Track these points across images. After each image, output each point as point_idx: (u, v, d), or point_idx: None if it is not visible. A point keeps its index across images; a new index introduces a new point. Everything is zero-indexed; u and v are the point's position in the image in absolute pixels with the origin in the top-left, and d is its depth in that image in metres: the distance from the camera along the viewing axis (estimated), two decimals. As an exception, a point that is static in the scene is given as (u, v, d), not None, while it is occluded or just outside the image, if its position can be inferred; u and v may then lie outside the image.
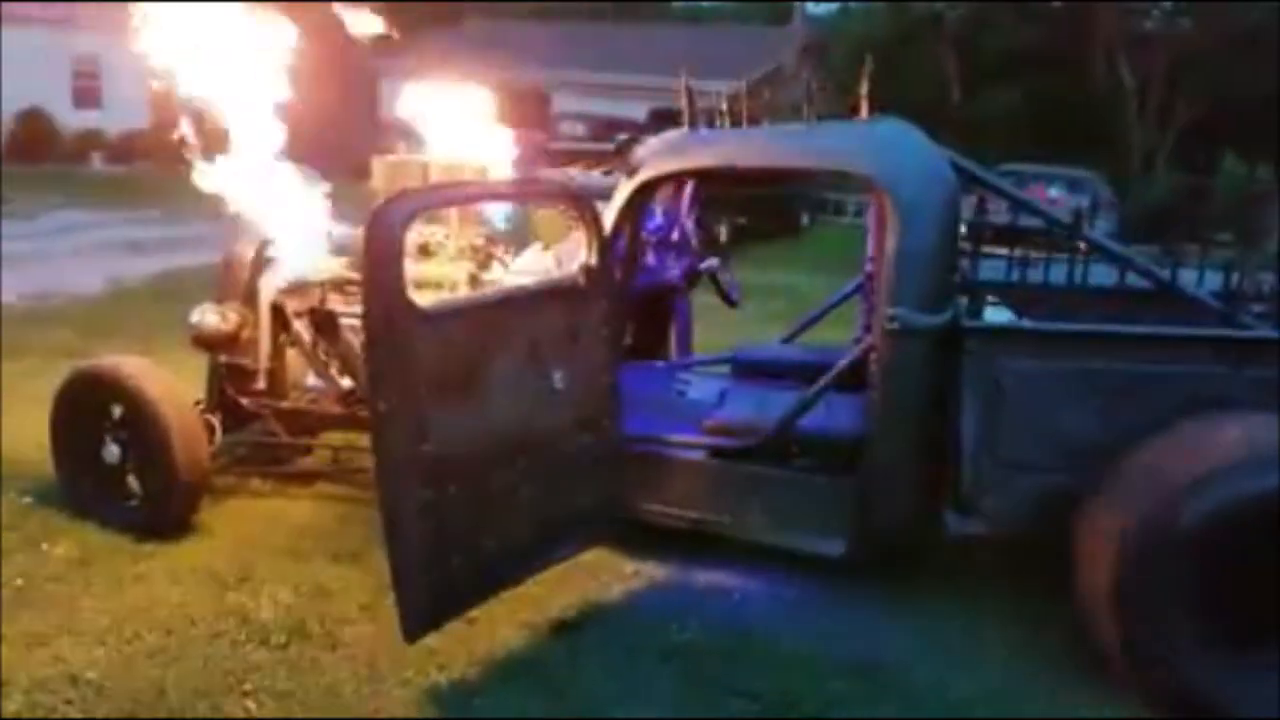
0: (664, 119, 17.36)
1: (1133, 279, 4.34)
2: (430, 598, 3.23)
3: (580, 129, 20.64)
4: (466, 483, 3.28)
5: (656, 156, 3.84)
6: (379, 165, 4.62)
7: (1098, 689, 3.30)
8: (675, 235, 4.42)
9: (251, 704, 3.13)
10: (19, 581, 3.76)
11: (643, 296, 4.57)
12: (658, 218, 4.44)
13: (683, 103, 4.28)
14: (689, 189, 4.98)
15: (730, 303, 4.92)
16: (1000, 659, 3.52)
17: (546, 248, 4.43)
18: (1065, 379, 3.56)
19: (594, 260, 3.59)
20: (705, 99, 4.37)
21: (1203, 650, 3.13)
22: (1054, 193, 15.17)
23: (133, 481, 4.21)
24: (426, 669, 3.36)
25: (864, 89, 3.99)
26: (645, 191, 3.83)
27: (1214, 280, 4.46)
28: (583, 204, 3.55)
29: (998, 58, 24.08)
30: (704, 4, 45.75)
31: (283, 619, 3.60)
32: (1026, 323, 3.76)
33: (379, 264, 2.95)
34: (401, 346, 3.03)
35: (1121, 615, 3.18)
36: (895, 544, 3.86)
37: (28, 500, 4.41)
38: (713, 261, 4.39)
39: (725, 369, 4.97)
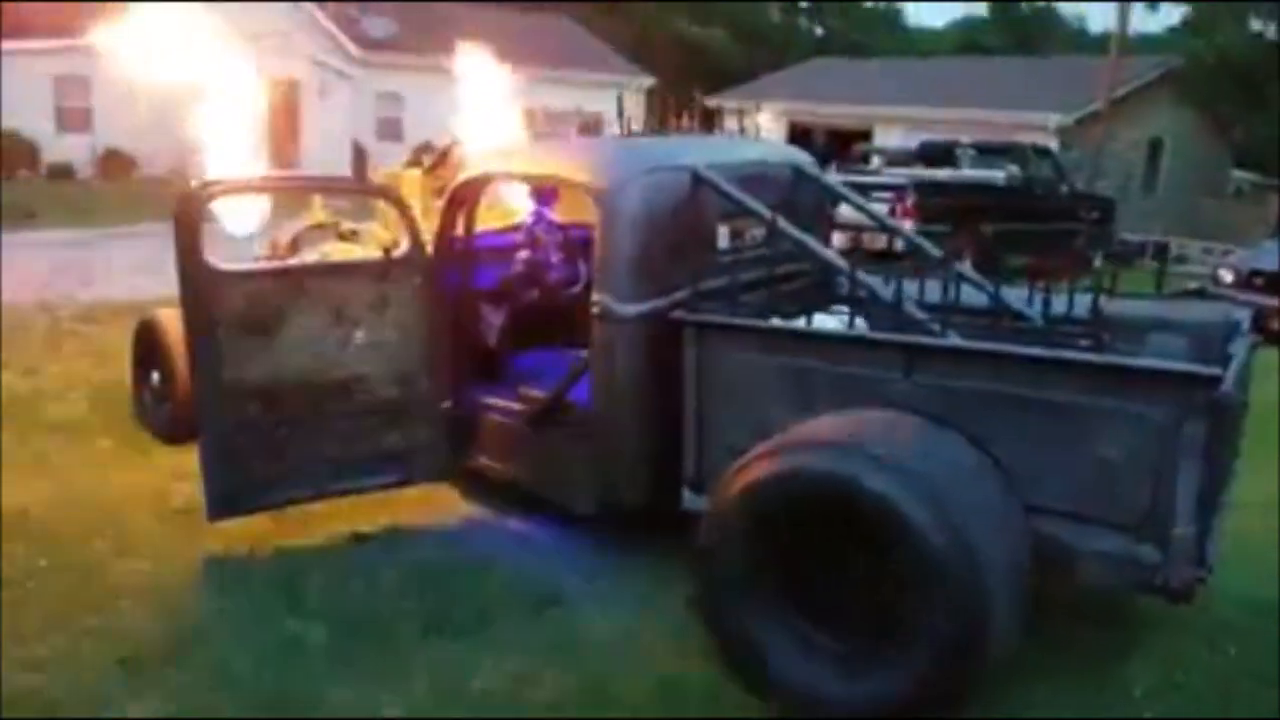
0: (930, 149, 17.27)
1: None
2: (230, 490, 4.29)
3: (876, 160, 20.81)
4: (267, 405, 4.32)
5: (472, 164, 4.64)
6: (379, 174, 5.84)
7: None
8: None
9: (101, 543, 4.40)
10: (55, 456, 5.39)
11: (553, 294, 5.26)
12: (547, 220, 5.15)
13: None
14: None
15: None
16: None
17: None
18: (768, 372, 3.85)
19: (404, 245, 4.49)
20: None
21: (765, 620, 3.38)
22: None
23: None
24: (235, 545, 4.41)
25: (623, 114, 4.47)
26: (464, 191, 4.63)
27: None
28: (394, 199, 4.46)
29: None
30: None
31: (185, 502, 4.83)
32: (728, 318, 4.00)
33: (183, 234, 4.06)
34: (202, 295, 4.13)
35: (700, 581, 3.51)
36: (634, 509, 4.28)
37: (118, 410, 6.10)
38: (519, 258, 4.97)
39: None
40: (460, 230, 4.69)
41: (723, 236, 4.39)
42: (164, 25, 4.69)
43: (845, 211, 9.02)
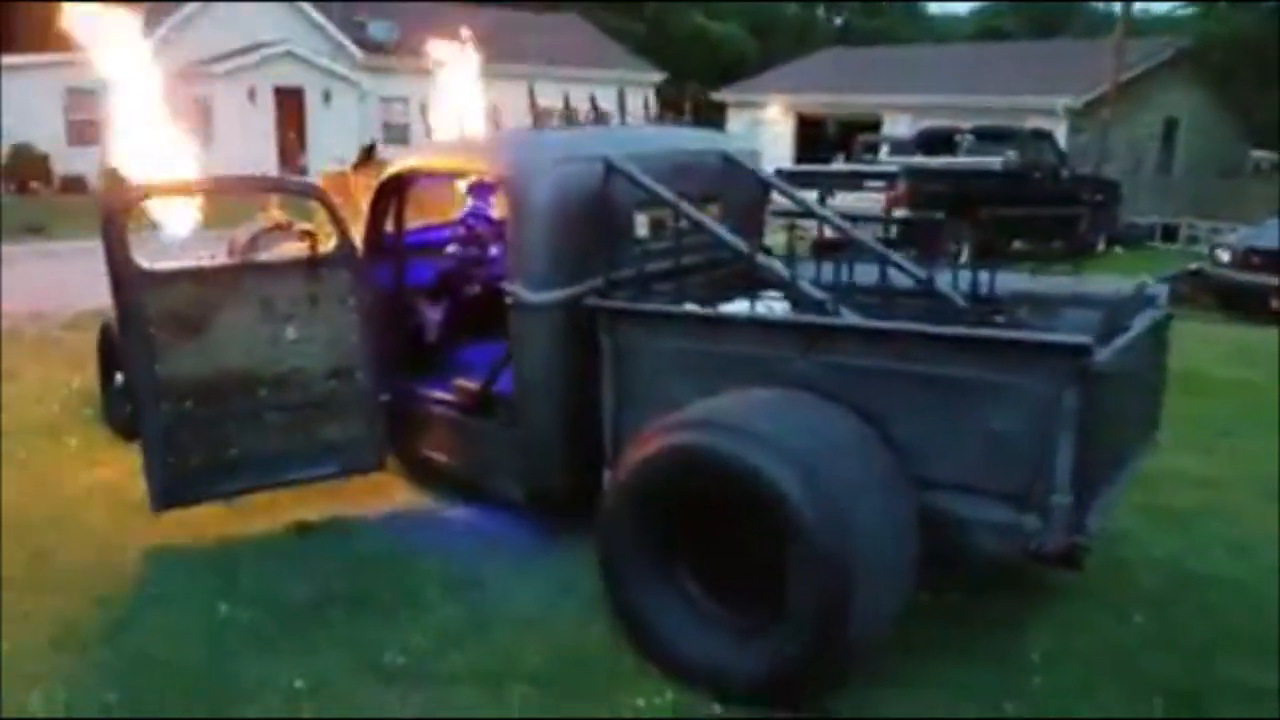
0: (930, 137, 17.20)
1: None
2: (169, 482, 4.43)
3: (884, 150, 20.77)
4: (202, 401, 4.45)
5: (394, 161, 4.76)
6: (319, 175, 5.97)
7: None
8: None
9: (52, 535, 4.58)
10: (23, 454, 5.59)
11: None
12: (485, 215, 5.26)
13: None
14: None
15: None
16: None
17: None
18: (678, 356, 3.94)
19: (332, 243, 4.60)
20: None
21: (656, 593, 3.47)
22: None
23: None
24: (181, 534, 4.56)
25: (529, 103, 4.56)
26: (388, 188, 4.74)
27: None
28: (320, 197, 4.58)
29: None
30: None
31: (139, 496, 4.94)
32: (638, 304, 4.07)
33: (109, 235, 4.21)
34: (132, 294, 4.27)
35: (599, 554, 3.60)
36: (561, 493, 4.37)
37: (88, 411, 6.30)
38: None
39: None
40: (390, 226, 4.80)
41: (641, 225, 4.47)
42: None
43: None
